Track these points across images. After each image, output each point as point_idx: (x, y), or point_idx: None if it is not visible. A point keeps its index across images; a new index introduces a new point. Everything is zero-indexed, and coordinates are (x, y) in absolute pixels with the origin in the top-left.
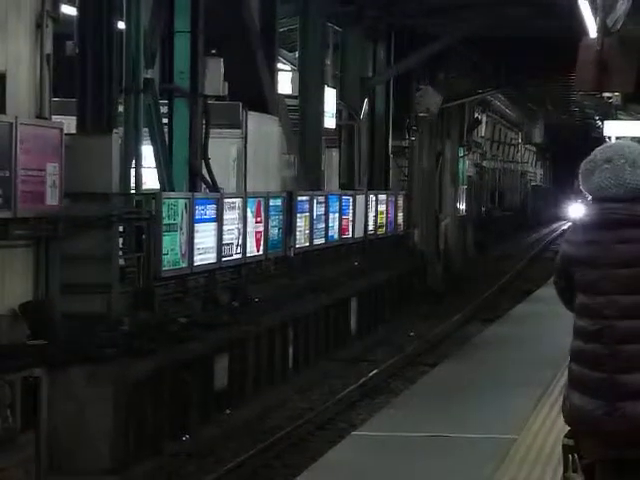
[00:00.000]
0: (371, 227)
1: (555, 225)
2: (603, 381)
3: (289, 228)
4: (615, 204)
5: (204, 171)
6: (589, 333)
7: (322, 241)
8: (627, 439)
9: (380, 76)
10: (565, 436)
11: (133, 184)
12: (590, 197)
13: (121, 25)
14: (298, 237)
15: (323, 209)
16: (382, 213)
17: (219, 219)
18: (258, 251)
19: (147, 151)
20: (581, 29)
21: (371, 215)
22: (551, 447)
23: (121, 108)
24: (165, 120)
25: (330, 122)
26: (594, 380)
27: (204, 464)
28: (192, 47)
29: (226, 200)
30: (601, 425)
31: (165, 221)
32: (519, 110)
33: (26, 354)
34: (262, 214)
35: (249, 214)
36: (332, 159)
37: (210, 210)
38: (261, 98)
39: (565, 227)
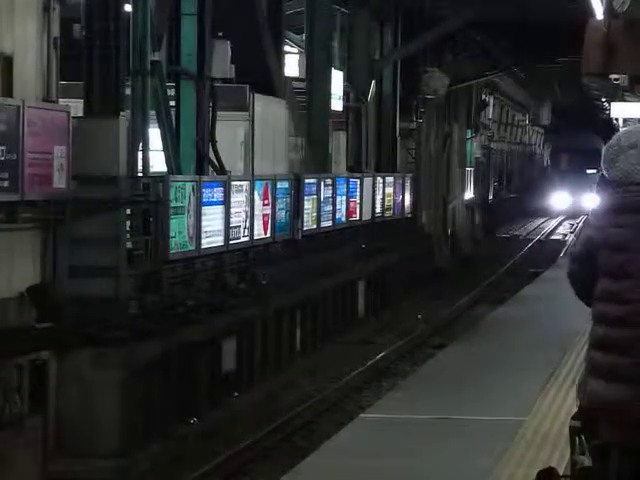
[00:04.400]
0: (378, 210)
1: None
2: (634, 365)
3: (296, 211)
4: None
5: (211, 154)
6: (615, 318)
7: (329, 224)
8: None
9: (387, 58)
10: (573, 418)
11: (140, 167)
12: (615, 182)
13: (128, 8)
14: (305, 220)
15: (330, 192)
16: (389, 195)
17: (226, 202)
18: (265, 234)
19: (154, 134)
20: (588, 11)
21: (378, 198)
22: (559, 429)
23: (128, 91)
24: (172, 103)
25: (337, 104)
26: (624, 365)
27: (212, 447)
28: (199, 29)
29: (233, 183)
30: (629, 411)
31: (172, 204)
32: (526, 92)
33: (34, 337)
34: (269, 197)
35: (256, 197)
36: (339, 141)
37: (217, 193)
38: (268, 80)
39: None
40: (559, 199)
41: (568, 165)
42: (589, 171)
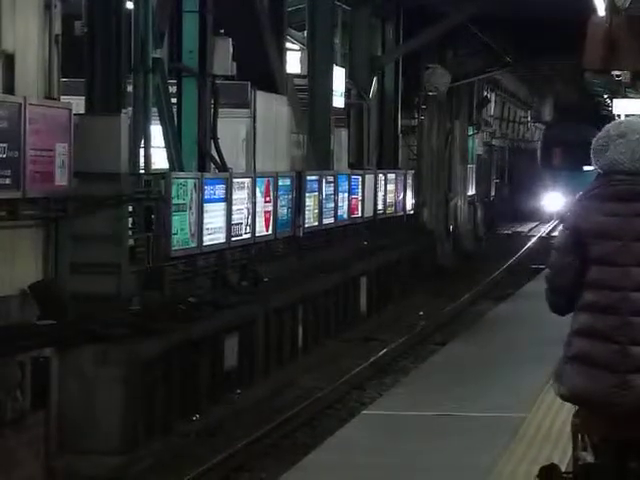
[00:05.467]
0: (380, 206)
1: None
2: (616, 353)
3: (298, 208)
4: (629, 177)
5: (213, 151)
6: (604, 306)
7: (331, 221)
8: (634, 415)
9: (389, 55)
10: (574, 415)
11: (142, 164)
12: (602, 171)
13: (130, 5)
14: (307, 217)
15: (332, 189)
16: (391, 192)
17: (228, 199)
18: (267, 231)
19: (156, 131)
20: (590, 7)
21: (380, 194)
22: (561, 425)
23: (130, 88)
24: (174, 100)
25: (339, 101)
26: (607, 352)
27: (214, 444)
28: (201, 27)
29: (235, 180)
30: (610, 399)
31: (174, 201)
32: (528, 88)
33: (36, 334)
34: (271, 194)
35: (258, 194)
36: (341, 138)
37: (219, 190)
38: (270, 77)
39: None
40: (551, 200)
41: (561, 161)
42: (586, 168)
